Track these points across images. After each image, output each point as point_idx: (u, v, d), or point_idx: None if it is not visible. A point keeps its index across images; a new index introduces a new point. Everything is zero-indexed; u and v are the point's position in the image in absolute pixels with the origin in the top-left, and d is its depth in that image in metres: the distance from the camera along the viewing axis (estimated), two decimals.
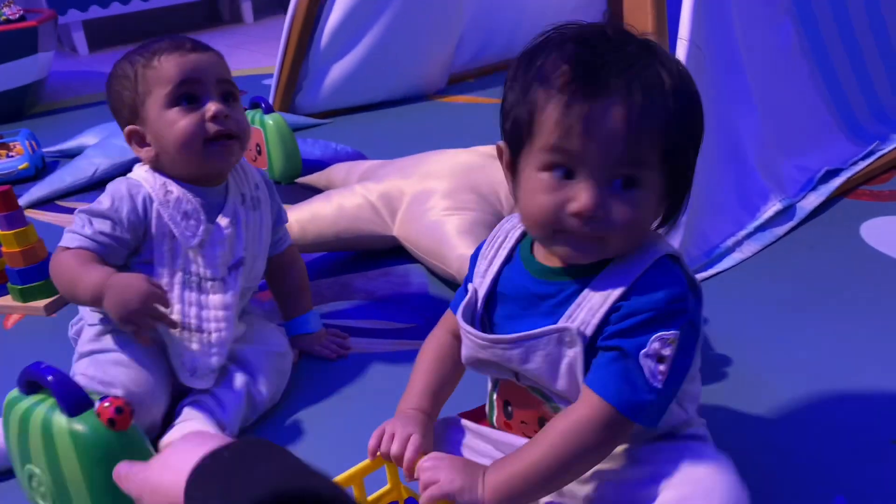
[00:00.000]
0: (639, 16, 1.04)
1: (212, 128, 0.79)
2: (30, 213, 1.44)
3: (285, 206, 0.98)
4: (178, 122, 0.79)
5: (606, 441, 0.54)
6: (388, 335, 0.98)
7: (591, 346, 0.55)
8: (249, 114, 1.55)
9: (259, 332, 0.89)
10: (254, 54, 3.07)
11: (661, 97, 0.52)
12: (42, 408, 0.63)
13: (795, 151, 1.24)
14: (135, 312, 0.73)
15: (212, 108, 0.79)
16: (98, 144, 1.71)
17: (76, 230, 0.79)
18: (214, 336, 0.81)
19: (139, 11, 3.55)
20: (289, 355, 0.90)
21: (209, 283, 0.81)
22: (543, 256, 0.59)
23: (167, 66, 0.79)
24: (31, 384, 0.65)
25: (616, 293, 0.54)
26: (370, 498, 0.65)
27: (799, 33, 1.31)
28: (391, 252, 1.16)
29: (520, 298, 0.60)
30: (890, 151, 1.32)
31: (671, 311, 0.54)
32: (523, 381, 0.60)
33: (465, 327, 0.61)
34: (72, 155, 1.75)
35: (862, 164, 1.27)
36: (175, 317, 0.79)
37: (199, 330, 0.80)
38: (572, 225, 0.53)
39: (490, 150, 1.35)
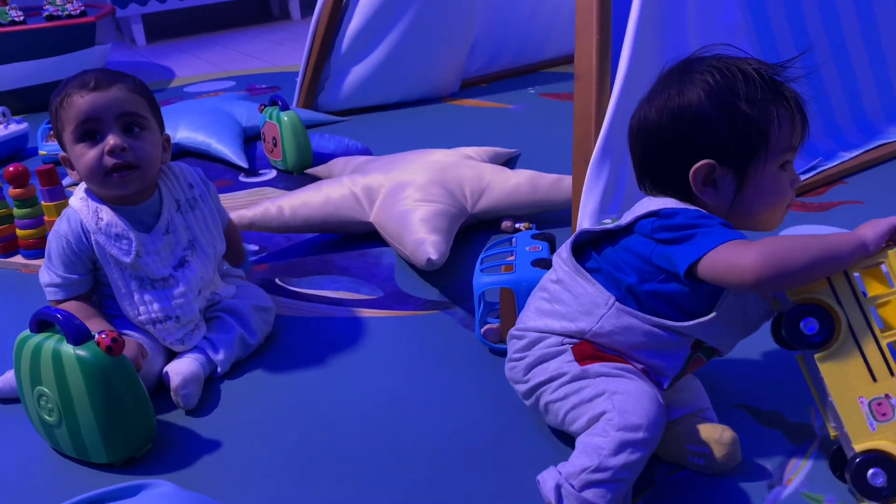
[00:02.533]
0: (583, 52, 1.18)
1: (109, 161, 0.91)
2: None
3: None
4: (84, 157, 0.91)
5: None
6: (352, 304, 1.16)
7: None
8: (268, 110, 1.75)
9: (248, 291, 1.08)
10: (298, 51, 3.29)
11: None
12: (51, 341, 0.82)
13: None
14: None
15: (109, 142, 0.90)
16: None
17: (49, 283, 0.95)
18: (182, 318, 0.98)
19: (194, 6, 3.79)
20: (272, 310, 1.08)
21: (160, 282, 0.97)
22: None
23: (72, 107, 0.91)
24: (41, 324, 0.83)
25: None
26: None
27: (756, 54, 1.44)
28: (370, 237, 1.34)
29: None
30: (832, 167, 1.44)
31: None
32: None
33: None
34: None
35: (802, 178, 1.39)
36: (142, 317, 0.96)
37: (167, 318, 0.97)
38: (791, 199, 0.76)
39: (466, 151, 1.52)
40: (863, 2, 1.56)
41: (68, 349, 0.81)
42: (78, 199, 0.97)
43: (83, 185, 0.98)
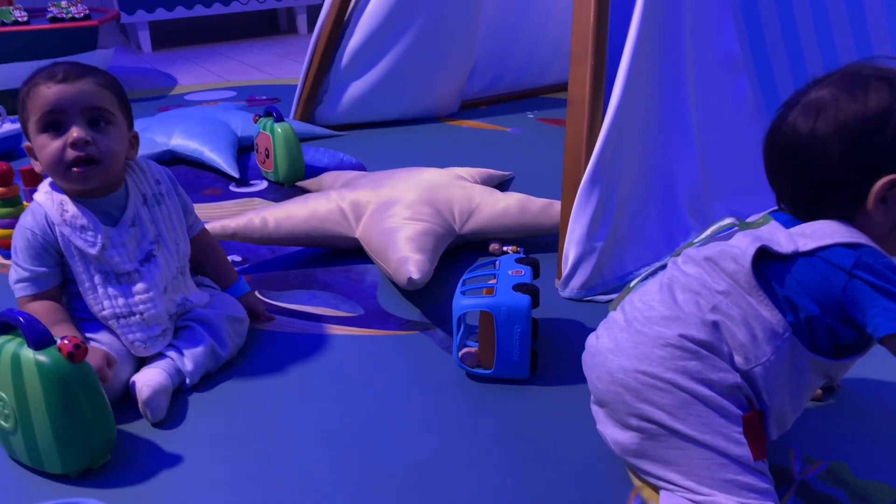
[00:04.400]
0: (578, 71, 1.17)
1: (70, 154, 0.90)
2: None
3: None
4: (46, 147, 0.91)
5: None
6: (330, 321, 1.14)
7: None
8: (262, 121, 1.74)
9: (221, 301, 1.06)
10: (302, 65, 3.30)
11: None
12: (11, 345, 0.79)
13: (731, 197, 1.35)
14: None
15: (72, 134, 0.90)
16: None
17: (18, 278, 0.93)
18: (147, 315, 0.96)
19: (202, 16, 3.81)
20: (245, 322, 1.06)
21: (125, 276, 0.95)
22: None
23: (38, 97, 0.90)
24: (3, 326, 0.81)
25: None
26: None
27: (755, 90, 1.43)
28: (355, 253, 1.32)
29: None
30: None
31: None
32: None
33: None
34: None
35: None
36: (106, 312, 0.94)
37: (131, 314, 0.95)
38: None
39: (458, 171, 1.50)
40: (862, 39, 1.55)
41: (28, 353, 0.78)
42: (42, 192, 0.96)
43: (48, 180, 0.97)
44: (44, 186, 0.97)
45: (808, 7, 1.51)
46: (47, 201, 0.94)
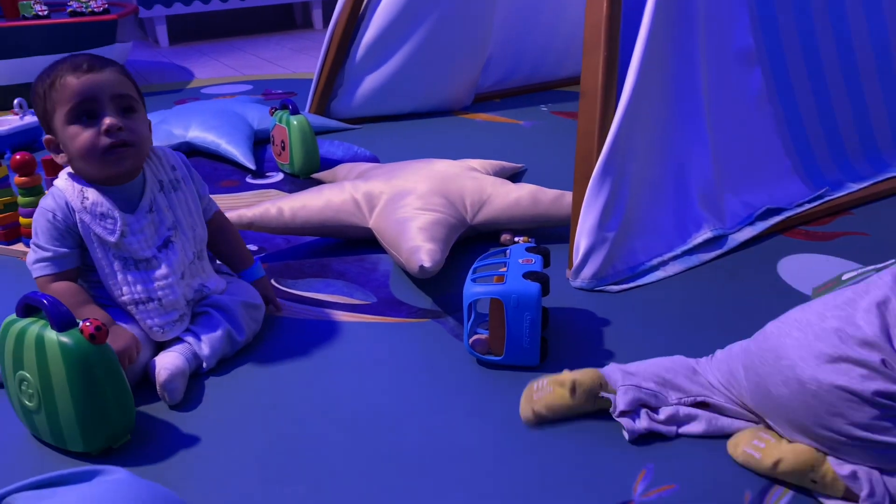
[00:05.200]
0: (592, 50, 1.18)
1: (105, 140, 0.93)
2: None
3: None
4: (79, 137, 0.93)
5: None
6: (343, 308, 1.15)
7: None
8: (278, 114, 1.76)
9: (238, 287, 1.08)
10: (317, 59, 3.32)
11: None
12: (35, 326, 0.82)
13: (745, 189, 1.36)
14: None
15: (106, 122, 0.92)
16: None
17: (38, 258, 0.95)
18: (165, 301, 0.98)
19: (218, 11, 3.84)
20: (262, 308, 1.08)
21: (143, 263, 0.97)
22: None
23: (66, 87, 0.92)
24: (27, 309, 0.83)
25: None
26: None
27: (768, 83, 1.43)
28: (369, 243, 1.34)
29: None
30: (838, 197, 1.42)
31: None
32: None
33: None
34: None
35: (806, 207, 1.38)
36: (125, 297, 0.96)
37: (150, 300, 0.97)
38: None
39: (471, 163, 1.52)
40: (877, 32, 1.55)
41: (51, 335, 0.81)
42: (63, 179, 0.98)
43: (67, 169, 0.99)
44: (64, 173, 0.99)
45: None
46: (68, 187, 0.97)
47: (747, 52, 1.40)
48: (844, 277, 0.83)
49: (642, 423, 0.83)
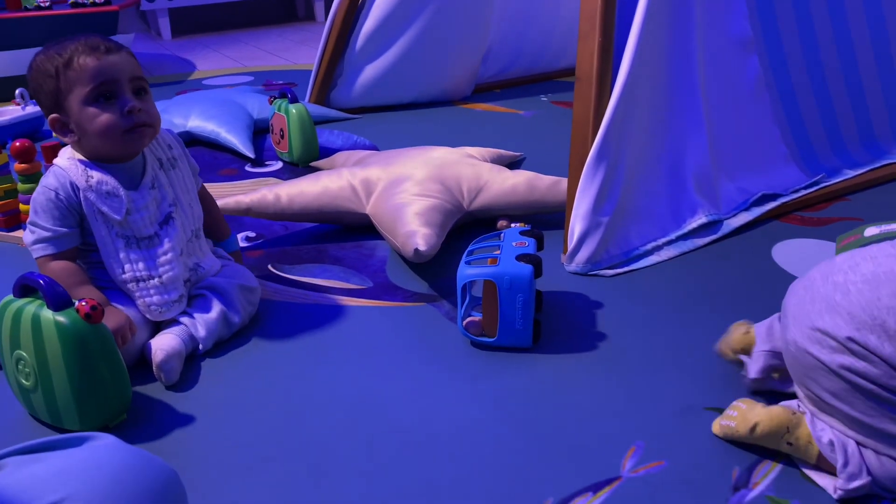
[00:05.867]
0: (587, 38, 1.18)
1: (126, 121, 0.95)
2: None
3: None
4: (99, 117, 0.94)
5: None
6: (340, 293, 1.16)
7: None
8: (277, 103, 1.76)
9: (234, 270, 1.09)
10: (317, 51, 3.33)
11: None
12: (32, 306, 0.83)
13: (740, 175, 1.36)
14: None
15: (130, 103, 0.95)
16: None
17: (37, 238, 0.95)
18: (165, 277, 0.99)
19: (220, 3, 3.85)
20: (257, 291, 1.09)
21: (145, 241, 0.99)
22: None
23: (86, 68, 0.93)
24: (24, 289, 0.84)
25: None
26: None
27: (766, 70, 1.43)
28: (367, 229, 1.35)
29: None
30: (834, 183, 1.42)
31: None
32: None
33: None
34: None
35: (802, 193, 1.38)
36: (126, 275, 0.97)
37: (150, 277, 0.98)
38: None
39: (468, 150, 1.52)
40: (875, 20, 1.55)
41: (48, 314, 0.82)
42: (65, 158, 0.99)
43: (68, 148, 1.00)
44: (65, 152, 1.00)
45: None
46: (71, 166, 0.97)
47: (745, 38, 1.40)
48: (867, 234, 0.83)
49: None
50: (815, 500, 0.72)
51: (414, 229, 1.16)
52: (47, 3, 2.48)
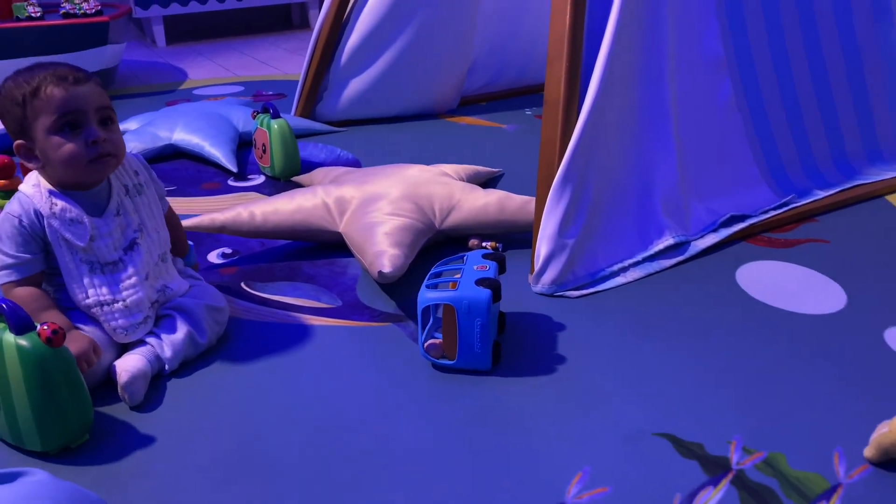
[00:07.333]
0: (554, 64, 1.20)
1: (92, 152, 0.96)
2: None
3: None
4: (63, 147, 0.96)
5: None
6: (309, 311, 1.18)
7: None
8: (260, 117, 1.78)
9: (202, 290, 1.11)
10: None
11: None
12: None
13: (711, 196, 1.38)
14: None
15: (95, 133, 0.96)
16: (136, 130, 1.98)
17: (2, 265, 0.97)
18: (130, 300, 1.01)
19: (215, 11, 3.87)
20: (226, 311, 1.11)
21: (109, 266, 1.00)
22: None
23: (52, 98, 0.94)
24: None
25: None
26: None
27: (737, 90, 1.45)
28: (342, 247, 1.36)
29: None
30: (804, 204, 1.44)
31: None
32: None
33: None
34: None
35: (772, 213, 1.40)
36: (90, 300, 0.99)
37: (115, 301, 1.00)
38: None
39: (444, 168, 1.54)
40: (848, 42, 1.56)
41: (10, 338, 0.83)
42: (30, 185, 1.01)
43: (34, 174, 1.02)
44: (31, 179, 1.02)
45: (795, 7, 1.52)
46: (35, 193, 0.99)
47: (717, 60, 1.41)
48: None
49: None
50: None
51: (382, 249, 1.18)
52: (39, 14, 2.51)
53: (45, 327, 0.84)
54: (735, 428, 0.87)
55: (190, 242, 1.21)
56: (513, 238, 1.38)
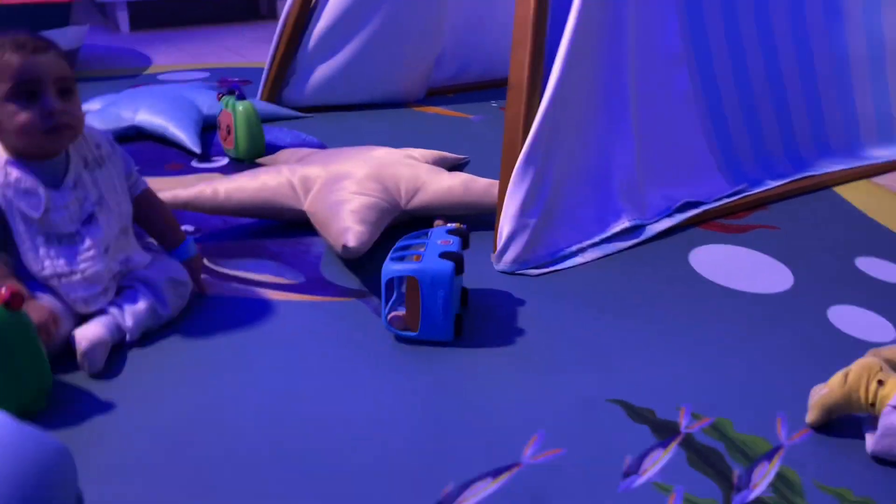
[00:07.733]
0: (519, 47, 1.23)
1: (47, 122, 0.95)
2: None
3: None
4: (18, 115, 0.94)
5: None
6: (271, 287, 1.19)
7: None
8: (224, 99, 1.78)
9: (164, 263, 1.10)
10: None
11: None
12: None
13: (666, 183, 1.42)
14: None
15: (52, 104, 0.94)
16: (99, 111, 1.95)
17: None
18: (88, 272, 1.00)
19: None
20: (188, 284, 1.11)
21: (66, 238, 0.99)
22: None
23: (9, 65, 0.93)
24: None
25: None
26: None
27: (695, 83, 1.49)
28: (306, 226, 1.37)
29: None
30: (756, 193, 1.49)
31: None
32: None
33: None
34: None
35: (725, 201, 1.45)
36: (46, 272, 0.98)
37: (73, 273, 0.99)
38: None
39: (410, 151, 1.56)
40: (801, 39, 1.62)
41: None
42: None
43: None
44: None
45: (752, 8, 1.57)
46: None
47: (675, 53, 1.46)
48: None
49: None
50: (697, 488, 0.77)
51: (347, 226, 1.19)
52: None
53: (3, 290, 0.84)
54: (685, 396, 0.91)
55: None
56: (477, 219, 1.40)
